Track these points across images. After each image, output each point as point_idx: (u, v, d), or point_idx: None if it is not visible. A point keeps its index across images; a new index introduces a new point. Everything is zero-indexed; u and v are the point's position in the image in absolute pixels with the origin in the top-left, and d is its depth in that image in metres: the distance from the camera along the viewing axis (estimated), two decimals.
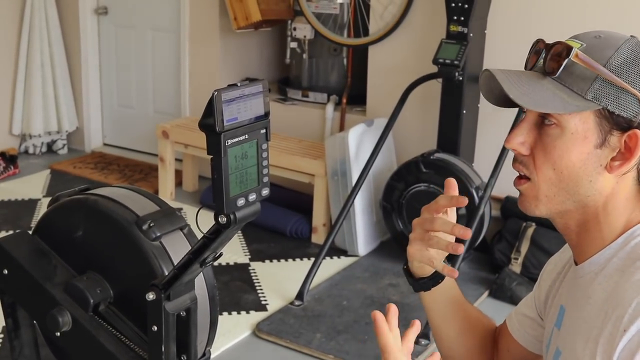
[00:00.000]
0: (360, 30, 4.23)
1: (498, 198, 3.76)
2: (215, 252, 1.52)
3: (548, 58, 1.13)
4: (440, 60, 3.45)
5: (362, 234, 3.77)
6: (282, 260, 3.70)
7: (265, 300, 3.26)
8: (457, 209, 1.45)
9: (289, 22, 4.54)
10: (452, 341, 1.49)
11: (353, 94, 4.34)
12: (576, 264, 1.22)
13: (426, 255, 1.34)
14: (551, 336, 1.29)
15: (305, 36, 4.41)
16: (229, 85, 1.33)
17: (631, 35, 1.14)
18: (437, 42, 3.59)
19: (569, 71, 1.11)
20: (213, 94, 1.29)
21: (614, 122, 1.10)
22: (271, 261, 3.68)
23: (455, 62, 3.41)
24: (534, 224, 3.61)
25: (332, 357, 2.83)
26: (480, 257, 3.68)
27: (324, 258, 3.42)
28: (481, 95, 3.72)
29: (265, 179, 1.43)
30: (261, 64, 5.02)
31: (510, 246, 3.61)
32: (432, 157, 3.55)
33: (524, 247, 3.54)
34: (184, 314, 1.44)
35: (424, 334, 2.97)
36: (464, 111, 3.56)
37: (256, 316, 3.12)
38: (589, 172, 1.13)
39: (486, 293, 3.45)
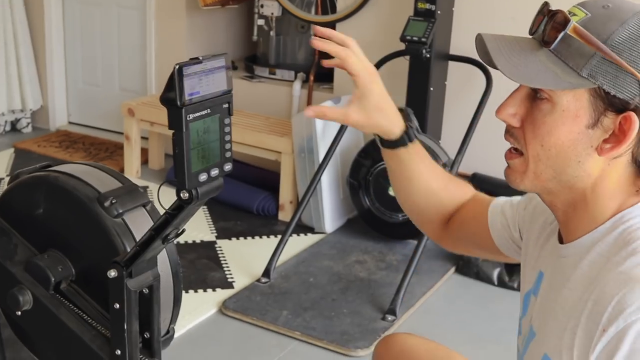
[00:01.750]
0: (328, 8, 4.21)
1: (465, 175, 3.76)
2: (177, 229, 1.51)
3: (549, 27, 1.07)
4: (408, 38, 3.44)
5: (329, 211, 3.77)
6: (249, 238, 3.69)
7: (232, 278, 3.25)
8: None
9: None
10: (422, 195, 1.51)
11: (320, 72, 4.31)
12: (561, 241, 1.19)
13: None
14: (528, 301, 1.28)
15: (272, 13, 4.38)
16: (190, 59, 1.32)
17: None
18: (404, 20, 3.57)
19: (567, 44, 1.05)
20: (174, 68, 1.27)
21: (609, 103, 1.04)
22: (238, 239, 3.67)
23: (423, 40, 3.40)
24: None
25: (299, 334, 2.83)
26: None
27: (290, 235, 3.41)
28: (448, 73, 3.72)
29: (228, 154, 1.41)
30: (228, 42, 4.98)
31: None
32: None
33: None
34: (147, 291, 1.43)
35: (390, 310, 2.98)
36: (431, 88, 3.56)
37: (222, 294, 3.11)
38: (578, 153, 1.07)
39: (453, 269, 3.47)
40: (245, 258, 3.44)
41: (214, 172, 1.39)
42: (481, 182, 3.76)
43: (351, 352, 2.75)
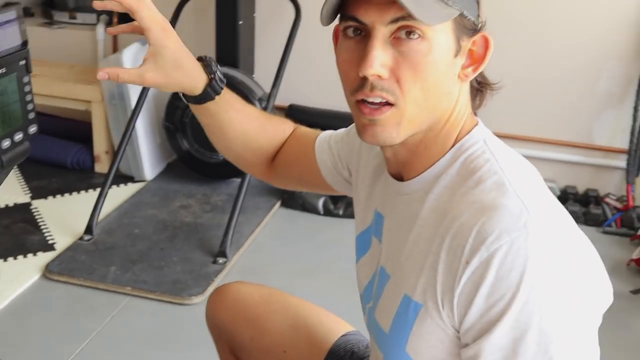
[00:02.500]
0: None
1: (282, 107, 3.75)
2: None
3: None
4: None
5: (148, 158, 3.64)
6: (66, 195, 3.50)
7: (53, 239, 3.08)
8: None
9: None
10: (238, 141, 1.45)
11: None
12: (397, 178, 1.16)
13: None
14: (365, 241, 1.27)
15: None
16: None
17: None
18: None
19: None
20: None
21: (465, 27, 1.03)
22: (54, 197, 3.48)
23: None
24: (319, 130, 3.64)
25: (130, 289, 2.74)
26: None
27: (110, 187, 3.27)
28: (256, 4, 3.64)
29: (32, 115, 1.31)
30: None
31: None
32: None
33: None
34: None
35: (221, 252, 2.94)
36: (240, 22, 3.48)
37: (44, 257, 2.94)
38: (448, 84, 1.05)
39: (278, 203, 3.46)
40: (65, 216, 3.27)
41: (18, 136, 1.28)
42: (298, 113, 3.76)
43: (186, 300, 2.69)
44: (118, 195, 3.45)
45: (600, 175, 3.61)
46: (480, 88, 1.13)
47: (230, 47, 3.52)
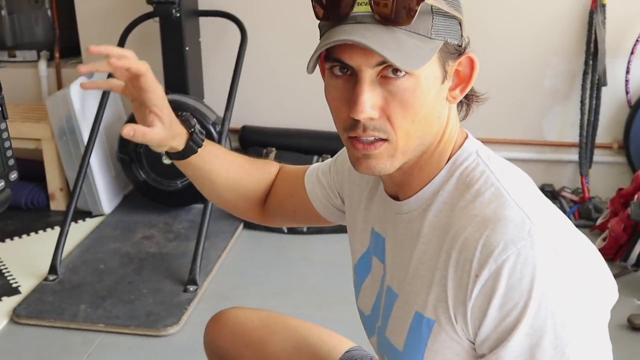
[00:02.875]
0: None
1: (235, 129, 3.74)
2: None
3: (396, 6, 0.96)
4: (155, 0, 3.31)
5: (104, 192, 3.60)
6: (24, 236, 3.44)
7: (16, 282, 3.02)
8: None
9: None
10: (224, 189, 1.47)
11: (65, 47, 4.07)
12: (394, 197, 1.17)
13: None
14: (366, 263, 1.28)
15: None
16: None
17: None
18: None
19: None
20: None
21: (449, 52, 1.04)
22: (12, 239, 3.41)
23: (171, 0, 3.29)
24: (274, 148, 3.65)
25: (103, 326, 2.70)
26: None
27: (70, 224, 3.21)
28: (201, 29, 3.63)
29: (11, 162, 1.29)
30: None
31: None
32: None
33: None
34: None
35: (191, 280, 2.92)
36: (187, 48, 3.47)
37: (10, 302, 2.88)
38: (438, 110, 1.06)
39: (241, 226, 3.45)
40: (26, 258, 3.21)
41: (0, 184, 1.26)
42: (252, 134, 3.76)
43: (161, 332, 2.66)
44: (78, 231, 3.40)
45: (553, 170, 3.69)
46: (467, 101, 1.15)
47: (178, 73, 3.51)
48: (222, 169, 1.42)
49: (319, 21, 1.05)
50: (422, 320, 1.08)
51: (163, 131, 1.27)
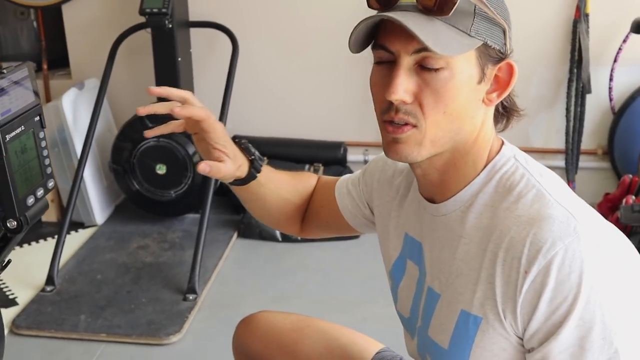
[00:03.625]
0: None
1: None
2: (2, 261, 1.39)
3: None
4: (148, 10, 3.32)
5: (97, 202, 3.60)
6: (17, 247, 3.41)
7: (13, 294, 3.01)
8: (192, 157, 1.42)
9: None
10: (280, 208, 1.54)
11: (53, 58, 4.07)
12: (430, 201, 1.21)
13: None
14: (401, 266, 1.32)
15: None
16: None
17: None
18: None
19: (455, 9, 1.05)
20: None
21: (489, 55, 1.09)
22: None
23: (163, 10, 3.30)
24: (265, 158, 3.67)
25: (105, 335, 2.70)
26: (220, 201, 3.66)
27: (66, 234, 3.21)
28: (192, 40, 3.65)
29: (49, 170, 1.31)
30: None
31: None
32: None
33: None
34: None
35: (190, 289, 2.94)
36: (179, 59, 3.49)
37: (8, 313, 2.87)
38: (472, 109, 1.11)
39: (235, 234, 3.47)
40: (20, 269, 3.20)
41: (40, 192, 1.29)
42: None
43: (164, 340, 2.67)
44: (71, 242, 3.39)
45: None
46: (505, 113, 1.19)
47: (170, 84, 3.40)
48: (274, 189, 1.48)
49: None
50: (468, 317, 1.12)
51: (232, 165, 1.34)
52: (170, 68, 3.50)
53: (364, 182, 1.45)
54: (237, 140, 1.39)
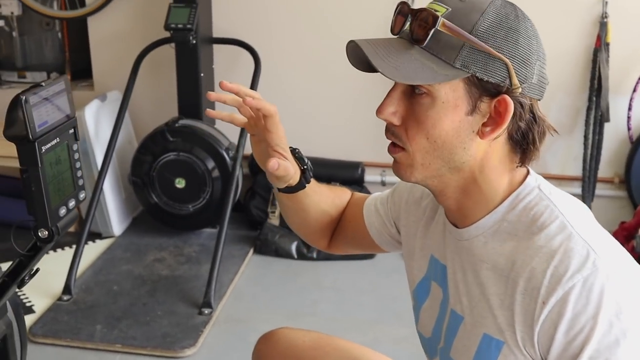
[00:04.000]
0: (77, 1, 3.99)
1: (245, 156, 3.79)
2: (31, 270, 1.42)
3: (415, 25, 1.10)
4: (173, 26, 3.36)
5: (115, 214, 3.63)
6: None
7: (30, 302, 3.04)
8: (211, 172, 1.43)
9: None
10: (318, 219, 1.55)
11: (76, 69, 4.12)
12: (455, 225, 1.23)
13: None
14: (425, 287, 1.33)
15: (12, 12, 4.09)
16: (31, 87, 1.22)
17: None
18: (161, 6, 3.51)
19: (437, 39, 1.08)
20: (19, 99, 1.17)
21: (484, 89, 1.09)
22: None
23: (188, 26, 3.34)
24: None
25: (120, 346, 2.72)
26: (237, 217, 3.70)
27: (84, 244, 3.24)
28: (214, 56, 3.69)
29: (81, 182, 1.34)
30: None
31: (265, 201, 3.68)
32: (177, 125, 3.48)
33: None
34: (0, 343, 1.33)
35: (205, 303, 2.95)
36: (202, 74, 3.52)
37: (25, 321, 2.89)
38: (462, 139, 1.11)
39: (251, 251, 3.50)
40: (37, 278, 3.17)
41: (72, 203, 1.31)
42: None
43: (178, 354, 2.69)
44: (89, 253, 3.41)
45: None
46: (520, 149, 1.16)
47: (192, 99, 3.56)
48: (317, 201, 1.49)
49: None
50: (491, 341, 1.14)
51: (292, 169, 1.34)
52: (193, 83, 3.53)
53: (392, 201, 1.47)
54: (291, 148, 1.39)
